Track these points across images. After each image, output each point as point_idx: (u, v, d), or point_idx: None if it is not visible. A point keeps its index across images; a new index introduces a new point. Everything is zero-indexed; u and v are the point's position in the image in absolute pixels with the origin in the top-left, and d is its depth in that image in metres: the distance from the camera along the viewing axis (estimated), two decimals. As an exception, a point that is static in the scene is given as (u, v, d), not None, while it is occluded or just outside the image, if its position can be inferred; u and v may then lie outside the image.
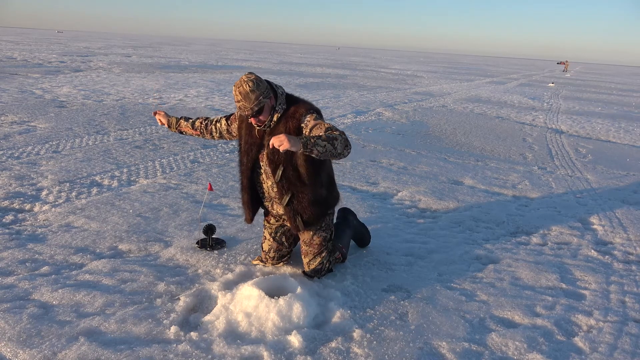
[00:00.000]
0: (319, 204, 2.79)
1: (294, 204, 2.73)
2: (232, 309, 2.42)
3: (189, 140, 6.48)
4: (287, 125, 2.64)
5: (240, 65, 24.30)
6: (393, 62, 46.44)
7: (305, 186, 2.72)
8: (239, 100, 2.54)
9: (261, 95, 2.54)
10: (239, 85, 2.54)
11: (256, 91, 2.53)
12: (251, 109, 2.54)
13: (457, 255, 3.34)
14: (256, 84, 2.54)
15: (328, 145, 2.38)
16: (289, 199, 2.72)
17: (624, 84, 32.73)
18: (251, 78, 2.55)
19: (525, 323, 2.55)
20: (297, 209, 2.74)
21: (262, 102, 2.55)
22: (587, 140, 8.76)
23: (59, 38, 54.26)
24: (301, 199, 2.73)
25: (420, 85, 19.00)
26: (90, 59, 21.33)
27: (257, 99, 2.53)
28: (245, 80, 2.54)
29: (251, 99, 2.52)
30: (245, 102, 2.53)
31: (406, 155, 6.39)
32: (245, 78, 2.56)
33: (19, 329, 2.21)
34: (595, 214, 4.43)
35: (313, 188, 2.74)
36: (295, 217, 2.76)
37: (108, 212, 3.73)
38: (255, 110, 2.55)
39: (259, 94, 2.53)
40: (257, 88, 2.53)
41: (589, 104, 15.91)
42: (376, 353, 2.21)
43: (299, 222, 2.77)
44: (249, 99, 2.52)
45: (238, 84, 2.55)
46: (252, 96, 2.52)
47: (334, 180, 2.94)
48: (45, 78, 12.84)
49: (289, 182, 2.69)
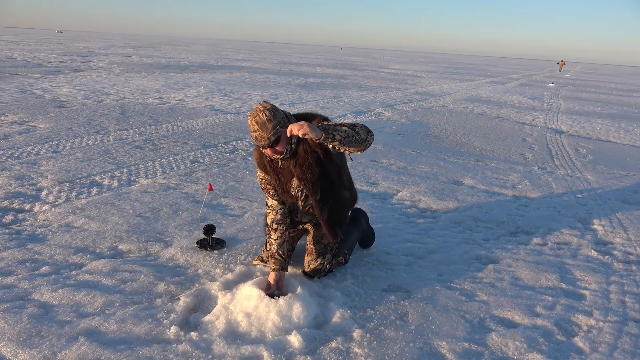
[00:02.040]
0: (347, 206, 2.88)
1: (332, 215, 2.77)
2: (232, 309, 2.42)
3: (189, 140, 6.48)
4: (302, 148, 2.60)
5: (240, 65, 24.30)
6: (393, 62, 46.44)
7: (336, 193, 2.76)
8: (256, 130, 2.46)
9: (278, 125, 2.46)
10: (254, 114, 2.46)
11: (273, 120, 2.45)
12: (268, 139, 2.46)
13: (457, 255, 3.34)
14: (272, 113, 2.46)
15: (349, 130, 2.37)
16: (327, 211, 2.75)
17: (624, 84, 32.73)
18: (267, 107, 2.47)
19: (525, 323, 2.55)
20: (335, 219, 2.79)
21: (279, 131, 2.47)
22: (587, 140, 8.76)
23: (59, 38, 54.26)
24: (336, 207, 2.78)
25: (420, 85, 19.00)
26: (90, 59, 21.34)
27: (274, 129, 2.45)
28: (262, 109, 2.46)
29: (268, 128, 2.44)
30: (262, 131, 2.45)
31: (406, 155, 6.39)
32: (262, 107, 2.47)
33: (19, 329, 2.21)
34: (595, 214, 4.42)
35: (341, 193, 2.80)
36: (334, 226, 2.79)
37: (108, 212, 3.73)
38: (272, 140, 2.47)
39: (275, 124, 2.45)
40: (273, 117, 2.45)
41: (589, 104, 15.91)
42: (376, 353, 2.21)
43: (337, 230, 2.82)
44: (265, 128, 2.44)
45: (254, 113, 2.47)
46: (269, 126, 2.44)
47: (352, 181, 2.98)
48: (45, 78, 12.85)
49: (324, 195, 2.70)
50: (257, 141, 2.49)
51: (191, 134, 6.89)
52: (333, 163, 2.69)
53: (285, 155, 2.59)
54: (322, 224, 2.77)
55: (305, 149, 2.60)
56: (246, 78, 16.97)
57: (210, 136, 6.85)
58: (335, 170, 2.71)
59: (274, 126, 2.45)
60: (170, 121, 7.80)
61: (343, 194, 2.81)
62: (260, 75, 18.52)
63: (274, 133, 2.46)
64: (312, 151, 2.60)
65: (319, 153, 2.61)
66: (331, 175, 2.69)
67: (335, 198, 2.76)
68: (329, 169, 2.66)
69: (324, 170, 2.65)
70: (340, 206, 2.81)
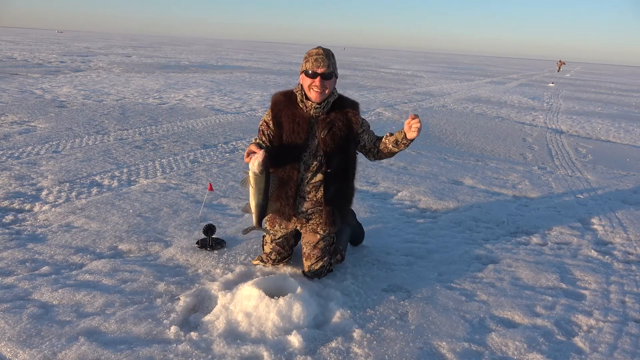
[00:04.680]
0: (351, 198, 2.88)
1: (336, 197, 2.75)
2: (232, 309, 2.42)
3: (189, 140, 6.48)
4: (339, 118, 2.68)
5: (240, 65, 24.30)
6: (393, 62, 46.44)
7: (347, 179, 2.79)
8: (320, 53, 2.60)
9: (335, 67, 2.64)
10: (316, 48, 2.63)
11: (333, 58, 2.64)
12: (327, 66, 2.58)
13: (457, 255, 3.34)
14: (332, 53, 2.66)
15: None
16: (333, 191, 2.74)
17: (624, 84, 32.73)
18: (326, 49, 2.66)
19: (525, 323, 2.55)
20: (337, 204, 2.76)
21: (335, 70, 2.64)
22: (587, 140, 8.77)
23: (59, 38, 54.26)
24: (342, 192, 2.78)
25: (420, 85, 19.00)
26: (90, 59, 21.34)
27: (334, 65, 2.62)
28: (323, 48, 2.64)
29: (330, 59, 2.60)
30: (325, 57, 2.59)
31: (406, 155, 6.39)
32: (322, 48, 2.65)
33: (19, 329, 2.21)
34: (595, 214, 4.43)
35: (351, 181, 2.83)
36: (334, 213, 2.76)
37: (108, 212, 3.73)
38: (330, 70, 2.60)
39: (335, 63, 2.64)
40: (332, 56, 2.64)
41: (589, 104, 15.91)
42: (376, 353, 2.21)
43: (337, 218, 2.77)
44: (328, 57, 2.60)
45: (315, 49, 2.63)
46: (332, 60, 2.62)
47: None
48: (45, 78, 12.85)
49: (336, 172, 2.71)
50: (316, 62, 2.58)
51: (191, 134, 6.89)
52: (353, 149, 2.80)
53: (321, 106, 2.66)
54: (324, 206, 2.73)
55: (342, 120, 2.68)
56: (246, 78, 16.98)
57: (210, 136, 6.85)
58: (353, 155, 2.80)
59: (334, 63, 2.63)
60: (170, 121, 7.80)
61: (351, 183, 2.84)
62: (260, 75, 18.53)
63: (333, 66, 2.61)
64: (346, 125, 2.69)
65: (350, 130, 2.70)
66: (349, 156, 2.76)
67: (344, 181, 2.77)
68: (349, 149, 2.75)
69: (346, 147, 2.72)
70: (345, 192, 2.81)
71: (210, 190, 3.39)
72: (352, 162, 2.80)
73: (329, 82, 2.60)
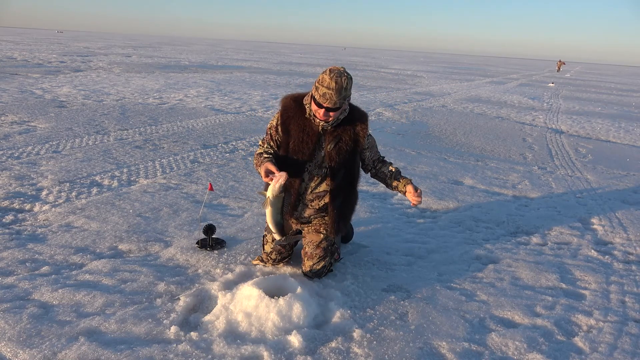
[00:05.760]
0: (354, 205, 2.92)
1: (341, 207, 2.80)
2: (232, 309, 2.42)
3: (189, 140, 6.48)
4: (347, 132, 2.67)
5: (240, 65, 24.30)
6: (393, 62, 46.44)
7: (352, 187, 2.83)
8: (331, 88, 2.48)
9: (348, 97, 2.57)
10: (337, 75, 2.50)
11: (349, 90, 2.55)
12: (335, 103, 2.51)
13: (457, 255, 3.34)
14: (351, 84, 2.55)
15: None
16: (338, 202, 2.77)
17: (624, 84, 32.72)
18: (350, 76, 2.56)
19: (525, 323, 2.55)
20: (342, 213, 2.81)
21: (344, 102, 2.57)
22: (587, 140, 8.76)
23: (59, 38, 54.26)
24: (347, 201, 2.82)
25: (420, 85, 19.00)
26: (90, 59, 21.33)
27: (345, 99, 2.55)
28: (346, 75, 2.53)
29: (341, 94, 2.51)
30: (336, 94, 2.49)
31: (406, 155, 6.39)
32: (345, 73, 2.53)
33: (19, 329, 2.21)
34: (595, 214, 4.43)
35: (355, 189, 2.87)
36: (340, 220, 2.81)
37: (108, 212, 3.73)
38: (337, 105, 2.54)
39: (348, 95, 2.56)
40: (350, 88, 2.55)
41: (589, 104, 15.91)
42: (376, 353, 2.21)
43: (342, 225, 2.84)
44: (339, 93, 2.50)
45: (338, 73, 2.50)
46: (345, 93, 2.53)
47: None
48: (45, 78, 12.84)
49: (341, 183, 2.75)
50: (323, 98, 2.51)
51: (191, 134, 6.89)
52: (358, 161, 2.83)
53: (330, 123, 2.64)
54: (330, 214, 2.78)
55: (349, 134, 2.68)
56: (246, 78, 16.97)
57: (210, 136, 6.85)
58: (357, 166, 2.83)
59: (346, 96, 2.54)
60: (170, 121, 7.80)
61: (355, 191, 2.89)
62: (260, 75, 18.52)
63: (342, 101, 2.53)
64: (353, 139, 2.69)
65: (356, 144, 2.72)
66: (354, 168, 2.80)
67: (348, 191, 2.82)
68: (355, 162, 2.79)
69: (352, 161, 2.74)
70: (350, 202, 2.87)
71: (210, 190, 3.39)
72: (357, 172, 2.86)
73: (335, 113, 2.59)
